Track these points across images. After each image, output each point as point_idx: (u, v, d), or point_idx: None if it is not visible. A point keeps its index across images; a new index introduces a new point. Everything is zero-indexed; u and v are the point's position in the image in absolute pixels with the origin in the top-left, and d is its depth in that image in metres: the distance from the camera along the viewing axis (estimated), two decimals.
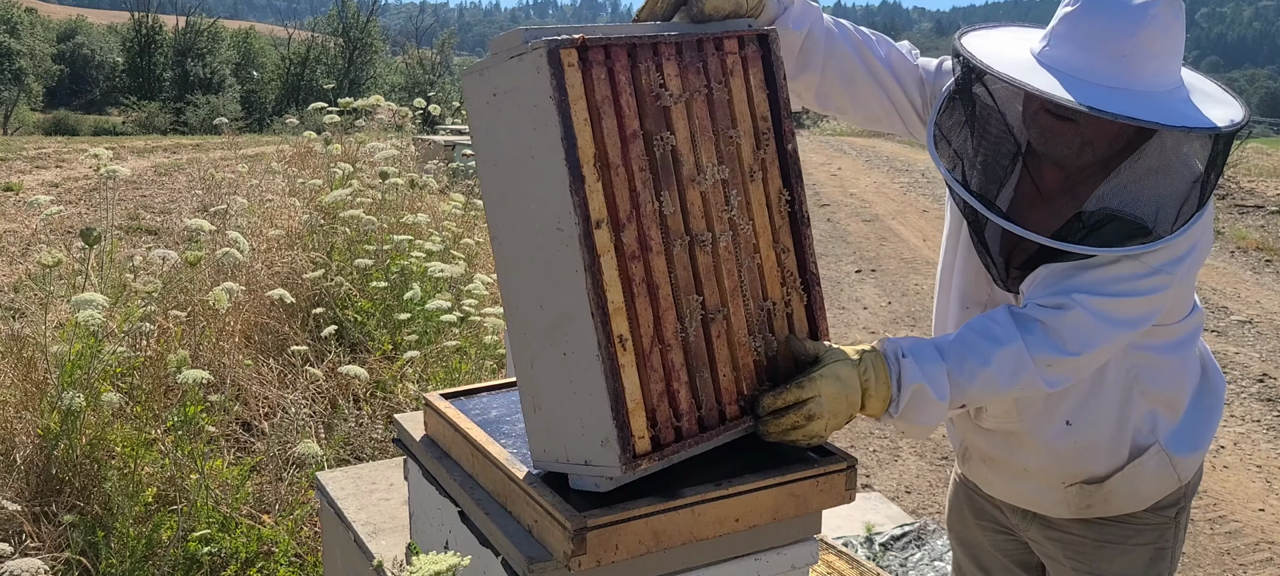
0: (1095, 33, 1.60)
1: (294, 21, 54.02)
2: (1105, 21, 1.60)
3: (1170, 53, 1.62)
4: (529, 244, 1.52)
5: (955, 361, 1.61)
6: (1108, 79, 1.58)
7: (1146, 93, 1.58)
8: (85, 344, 3.06)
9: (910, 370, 1.58)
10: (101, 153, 3.66)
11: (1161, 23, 1.58)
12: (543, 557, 1.50)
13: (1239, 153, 15.27)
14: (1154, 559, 1.90)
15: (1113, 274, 1.62)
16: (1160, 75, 1.60)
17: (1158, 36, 1.58)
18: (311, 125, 6.92)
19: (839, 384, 1.58)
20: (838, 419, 1.58)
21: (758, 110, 1.66)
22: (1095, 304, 1.61)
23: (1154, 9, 1.58)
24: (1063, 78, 1.60)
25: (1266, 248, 9.78)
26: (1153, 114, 1.54)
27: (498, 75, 1.50)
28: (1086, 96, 1.54)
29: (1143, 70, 1.58)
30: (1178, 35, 1.62)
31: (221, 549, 2.92)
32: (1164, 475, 1.84)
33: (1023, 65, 1.66)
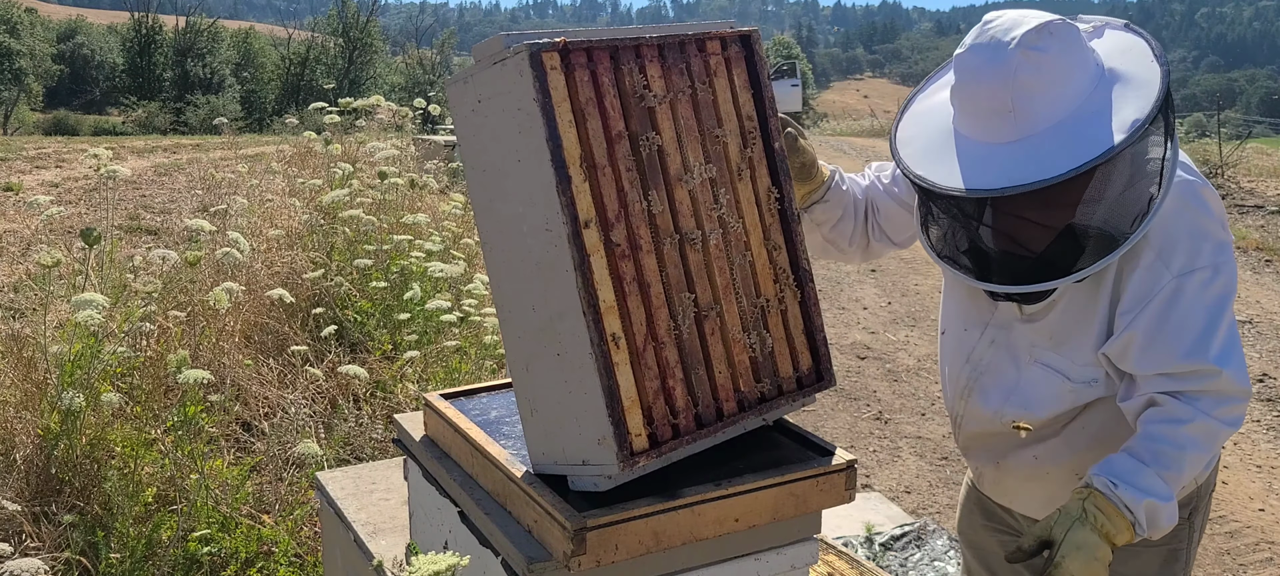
0: (976, 99, 1.63)
1: (294, 21, 54.04)
2: (978, 87, 1.62)
3: (1055, 76, 1.59)
4: (519, 247, 1.52)
5: (1156, 459, 1.62)
6: (1004, 132, 1.60)
7: (1044, 132, 1.57)
8: (85, 344, 3.06)
9: (1129, 494, 1.60)
10: (101, 153, 3.66)
11: (1031, 64, 1.57)
12: (542, 557, 1.50)
13: (1239, 153, 15.27)
14: (1168, 560, 1.89)
15: (1190, 304, 1.62)
16: (1057, 104, 1.58)
17: (1031, 77, 1.57)
18: (311, 125, 6.92)
19: (1083, 553, 1.58)
20: (1095, 567, 1.59)
21: (743, 110, 1.66)
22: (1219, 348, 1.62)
23: (1014, 58, 1.57)
24: (966, 155, 1.63)
25: (1266, 248, 9.77)
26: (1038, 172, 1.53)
27: (481, 82, 1.51)
28: (977, 179, 1.58)
29: (1034, 112, 1.58)
30: (1057, 57, 1.59)
31: (221, 549, 2.92)
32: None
33: (937, 146, 1.69)
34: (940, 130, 1.71)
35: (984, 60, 1.60)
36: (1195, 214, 1.64)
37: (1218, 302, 1.62)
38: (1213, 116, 20.57)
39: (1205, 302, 1.61)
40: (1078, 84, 1.60)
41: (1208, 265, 1.62)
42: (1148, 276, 1.63)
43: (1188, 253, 1.62)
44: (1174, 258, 1.62)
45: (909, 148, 1.73)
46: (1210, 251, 1.62)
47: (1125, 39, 1.71)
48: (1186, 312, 1.61)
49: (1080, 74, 1.61)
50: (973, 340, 1.90)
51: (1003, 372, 1.86)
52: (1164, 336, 1.63)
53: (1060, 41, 1.59)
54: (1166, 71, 1.61)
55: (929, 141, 1.71)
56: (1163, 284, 1.62)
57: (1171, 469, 1.62)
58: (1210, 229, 1.64)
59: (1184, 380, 1.63)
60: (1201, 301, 1.61)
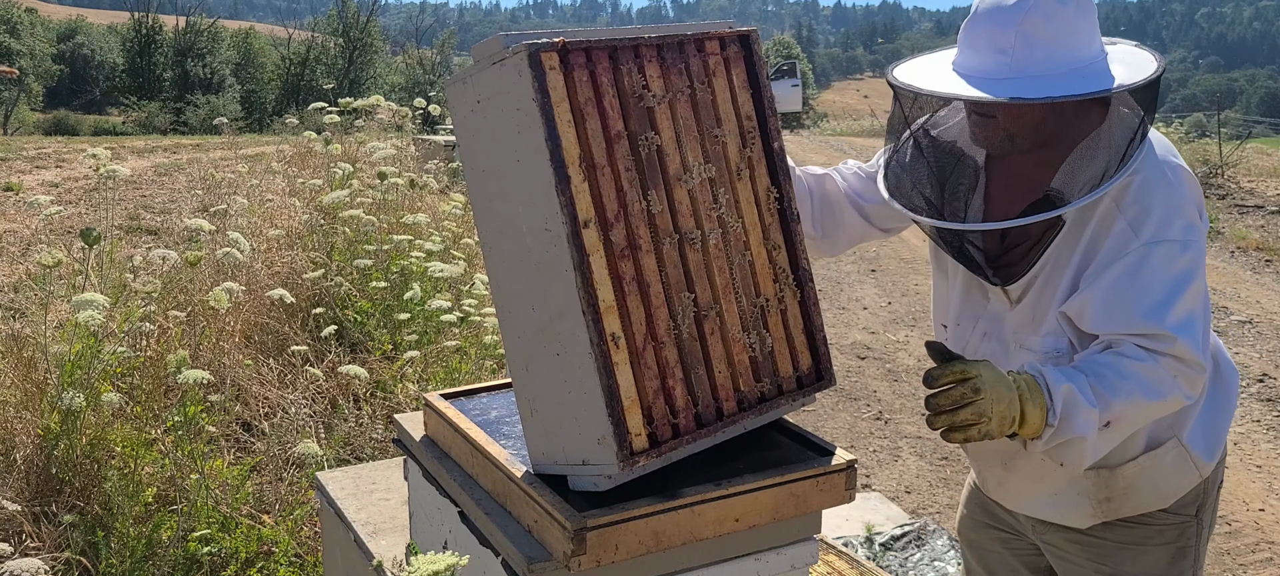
0: (982, 35, 1.71)
1: (294, 21, 54.03)
2: (988, 24, 1.70)
3: (1061, 35, 1.66)
4: (518, 247, 1.52)
5: (1093, 376, 1.61)
6: (999, 71, 1.67)
7: (1037, 77, 1.64)
8: (85, 344, 3.06)
9: (1054, 376, 1.59)
10: (101, 153, 3.66)
11: (1041, 11, 1.64)
12: (542, 557, 1.50)
13: (1239, 152, 15.27)
14: (1176, 558, 1.89)
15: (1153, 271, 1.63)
16: (1054, 58, 1.66)
17: (1039, 24, 1.64)
18: (311, 125, 6.92)
19: (996, 372, 1.58)
20: (1001, 405, 1.56)
21: (742, 109, 1.66)
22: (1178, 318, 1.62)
23: (1029, 3, 1.65)
24: (963, 79, 1.71)
25: (1266, 248, 9.77)
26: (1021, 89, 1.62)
27: (480, 82, 1.51)
28: (960, 88, 1.68)
29: (1031, 57, 1.65)
30: (1068, 19, 1.66)
31: (221, 549, 2.92)
32: (1183, 469, 1.83)
33: (935, 77, 1.77)
34: (937, 70, 1.80)
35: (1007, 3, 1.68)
36: (1171, 190, 1.68)
37: (1182, 276, 1.64)
38: (1213, 116, 20.57)
39: (1170, 272, 1.63)
40: (1077, 50, 1.68)
41: (1177, 239, 1.65)
42: (1116, 242, 1.66)
43: (1158, 223, 1.65)
44: (1144, 226, 1.65)
45: (905, 74, 1.82)
46: (1181, 227, 1.65)
47: (1131, 50, 1.80)
48: (1149, 278, 1.63)
49: (1084, 42, 1.68)
50: (966, 334, 1.92)
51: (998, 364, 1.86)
52: (1123, 297, 1.64)
53: (1079, 8, 1.67)
54: (1162, 63, 1.69)
55: (924, 75, 1.80)
56: (1130, 248, 1.65)
57: (1105, 387, 1.60)
58: (1184, 208, 1.68)
59: (1139, 342, 1.64)
60: (1166, 271, 1.63)
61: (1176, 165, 1.72)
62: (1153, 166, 1.68)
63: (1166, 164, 1.71)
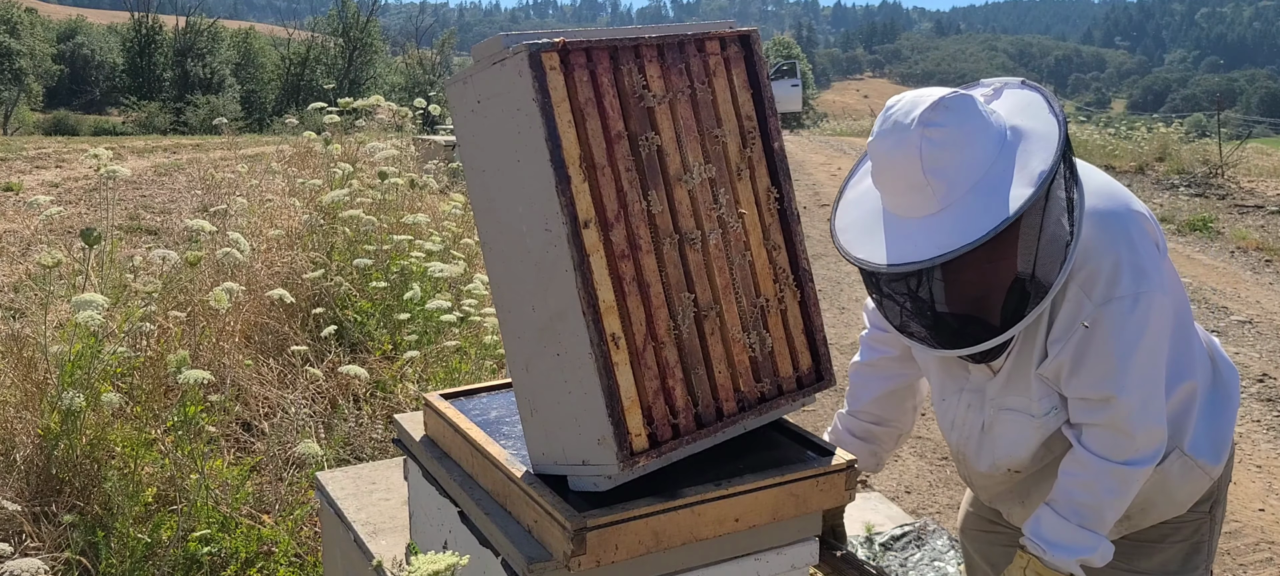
0: (893, 181, 1.68)
1: (294, 21, 53.99)
2: (892, 169, 1.67)
3: (960, 145, 1.63)
4: (519, 247, 1.52)
5: (1076, 514, 1.74)
6: (930, 206, 1.64)
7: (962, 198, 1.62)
8: (85, 344, 3.06)
9: (1060, 558, 1.73)
10: (101, 153, 3.66)
11: (931, 139, 1.62)
12: (542, 557, 1.50)
13: (1239, 152, 15.26)
14: (1191, 554, 1.92)
15: (1104, 335, 1.67)
16: (968, 168, 1.63)
17: (934, 151, 1.62)
18: (311, 125, 6.92)
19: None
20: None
21: (742, 110, 1.66)
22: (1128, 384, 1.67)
23: (915, 136, 1.62)
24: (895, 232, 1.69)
25: (1266, 248, 9.77)
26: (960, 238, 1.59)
27: (481, 82, 1.51)
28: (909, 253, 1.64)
29: (948, 179, 1.63)
30: (955, 128, 1.63)
31: (221, 549, 2.92)
32: (1192, 476, 1.85)
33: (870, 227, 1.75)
34: (871, 213, 1.77)
35: (891, 144, 1.66)
36: (1114, 244, 1.69)
37: (1136, 331, 1.67)
38: (1213, 116, 20.57)
39: (1123, 333, 1.67)
40: (982, 147, 1.65)
41: (1127, 294, 1.66)
42: (1071, 307, 1.70)
43: (1107, 282, 1.67)
44: (1094, 288, 1.68)
45: (847, 233, 1.79)
46: (1129, 281, 1.67)
47: (1023, 96, 1.77)
48: (1103, 342, 1.68)
49: (982, 137, 1.66)
50: (953, 408, 1.96)
51: (981, 430, 1.92)
52: (1083, 364, 1.70)
53: (955, 113, 1.65)
54: (1062, 120, 1.68)
55: (863, 225, 1.77)
56: (1085, 313, 1.68)
57: (1093, 520, 1.73)
58: (1128, 258, 1.68)
59: (1093, 409, 1.72)
60: (1119, 331, 1.67)
61: (1117, 212, 1.73)
62: (1093, 223, 1.69)
63: (1107, 215, 1.71)
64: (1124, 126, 21.31)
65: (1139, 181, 14.24)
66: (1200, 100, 71.21)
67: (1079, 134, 19.24)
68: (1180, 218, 11.16)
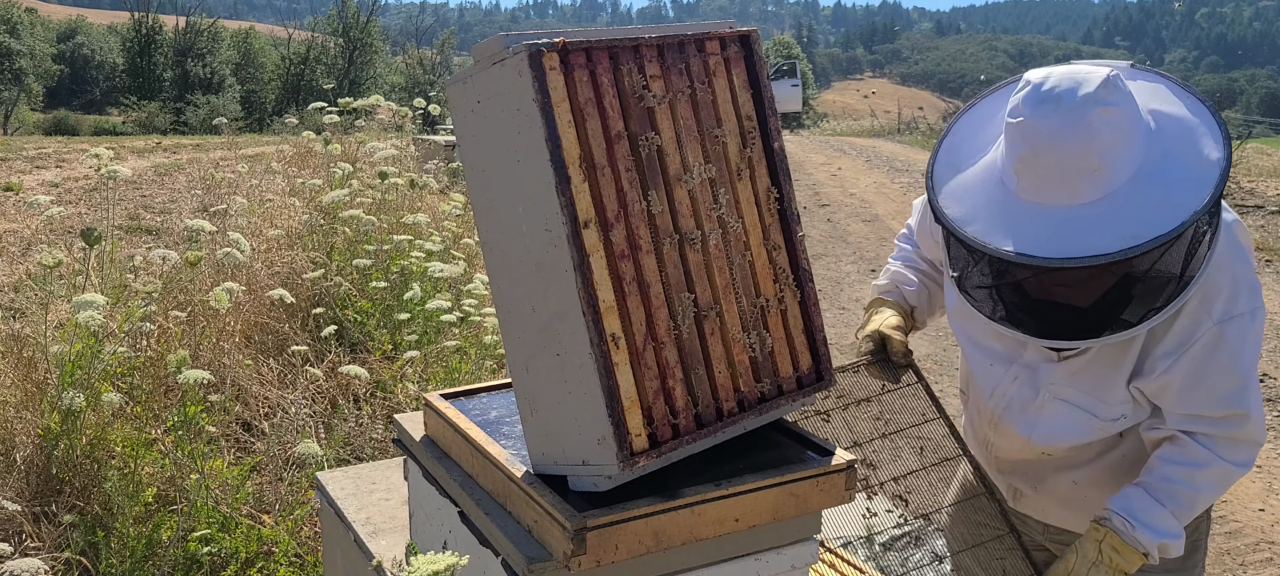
0: (1058, 164, 1.56)
1: (294, 21, 53.99)
2: (1061, 151, 1.55)
3: (1130, 129, 1.56)
4: (518, 247, 1.52)
5: (1171, 498, 1.68)
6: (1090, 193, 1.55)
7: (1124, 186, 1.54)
8: (85, 344, 3.06)
9: (1145, 535, 1.67)
10: (102, 153, 3.66)
11: (1110, 121, 1.54)
12: (542, 557, 1.50)
13: (1239, 152, 15.28)
14: (1190, 551, 1.92)
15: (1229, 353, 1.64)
16: (1133, 155, 1.56)
17: (1113, 134, 1.54)
18: (311, 125, 6.92)
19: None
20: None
21: (742, 110, 1.66)
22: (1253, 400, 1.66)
23: (1095, 117, 1.53)
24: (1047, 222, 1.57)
25: (1266, 248, 9.77)
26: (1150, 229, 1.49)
27: (481, 82, 1.51)
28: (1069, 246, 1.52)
29: (1118, 166, 1.55)
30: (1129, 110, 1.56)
31: (221, 549, 2.92)
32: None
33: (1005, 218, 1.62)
34: (995, 202, 1.65)
35: (1060, 124, 1.54)
36: (1235, 258, 1.66)
37: (1255, 348, 1.66)
38: None
39: (1244, 349, 1.65)
40: (1143, 133, 1.58)
41: (1245, 310, 1.64)
42: (1189, 322, 1.65)
43: (1228, 299, 1.64)
44: (1215, 304, 1.64)
45: (975, 225, 1.66)
46: (1247, 296, 1.65)
47: (1147, 85, 1.69)
48: (1228, 360, 1.65)
49: (1141, 122, 1.59)
50: (998, 376, 1.91)
51: (1027, 406, 1.87)
52: (1203, 382, 1.66)
53: (1125, 94, 1.57)
54: (1213, 109, 1.60)
55: (992, 216, 1.64)
56: (1203, 330, 1.64)
57: (1185, 508, 1.69)
58: (1246, 274, 1.66)
59: (1215, 424, 1.67)
60: (1241, 348, 1.65)
61: (1231, 224, 1.68)
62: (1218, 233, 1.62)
63: (1227, 226, 1.66)
64: None
65: None
66: None
67: None
68: None
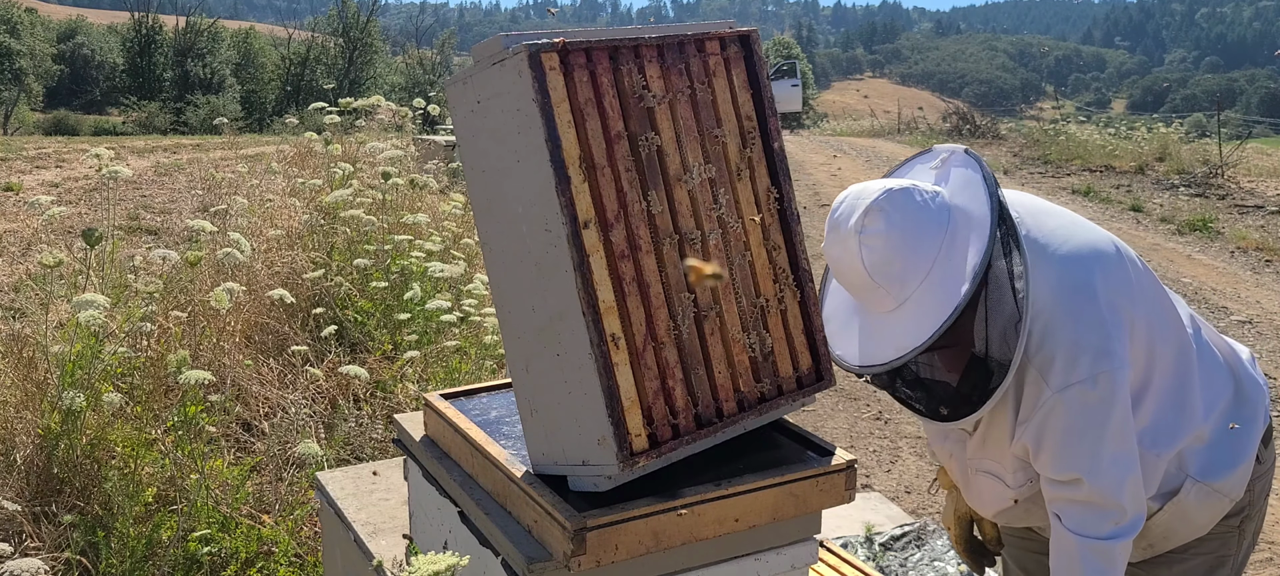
0: (849, 285, 1.72)
1: (294, 21, 54.01)
2: (844, 275, 1.71)
3: (902, 245, 1.64)
4: (518, 247, 1.52)
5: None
6: (888, 303, 1.67)
7: (916, 293, 1.64)
8: (86, 344, 3.06)
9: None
10: (103, 153, 3.66)
11: (870, 246, 1.64)
12: (542, 557, 1.50)
13: (1239, 152, 15.25)
14: (1214, 567, 1.89)
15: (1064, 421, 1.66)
16: (915, 264, 1.64)
17: (875, 256, 1.64)
18: (311, 125, 6.92)
19: None
20: None
21: (742, 110, 1.66)
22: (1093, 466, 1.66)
23: (854, 244, 1.65)
24: (864, 329, 1.74)
25: (1266, 248, 9.77)
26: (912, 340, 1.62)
27: (481, 82, 1.51)
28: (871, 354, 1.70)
29: (898, 277, 1.65)
30: (891, 230, 1.64)
31: (221, 549, 2.92)
32: (1210, 501, 1.81)
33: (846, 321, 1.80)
34: (847, 305, 1.82)
35: (838, 252, 1.69)
36: (1072, 320, 1.67)
37: (1096, 411, 1.66)
38: (1213, 116, 20.58)
39: (1082, 416, 1.66)
40: (924, 241, 1.65)
41: (1084, 377, 1.65)
42: (1032, 391, 1.70)
43: (1063, 367, 1.66)
44: (1050, 373, 1.67)
45: (830, 325, 1.83)
46: (1087, 363, 1.65)
47: (964, 174, 1.75)
48: (1064, 426, 1.67)
49: (922, 232, 1.66)
50: (946, 447, 1.98)
51: (960, 479, 1.96)
52: (1043, 447, 1.70)
53: (888, 215, 1.65)
54: (993, 199, 1.66)
55: (842, 319, 1.82)
56: (1043, 399, 1.68)
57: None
58: (1085, 339, 1.66)
59: (1060, 487, 1.70)
60: (1078, 415, 1.66)
61: (1071, 285, 1.70)
62: (1051, 299, 1.67)
63: (1062, 288, 1.69)
64: (1124, 126, 21.33)
65: (1139, 181, 14.25)
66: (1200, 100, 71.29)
67: (1079, 134, 19.25)
68: (1180, 217, 11.16)
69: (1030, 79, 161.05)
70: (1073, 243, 1.74)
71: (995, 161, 17.33)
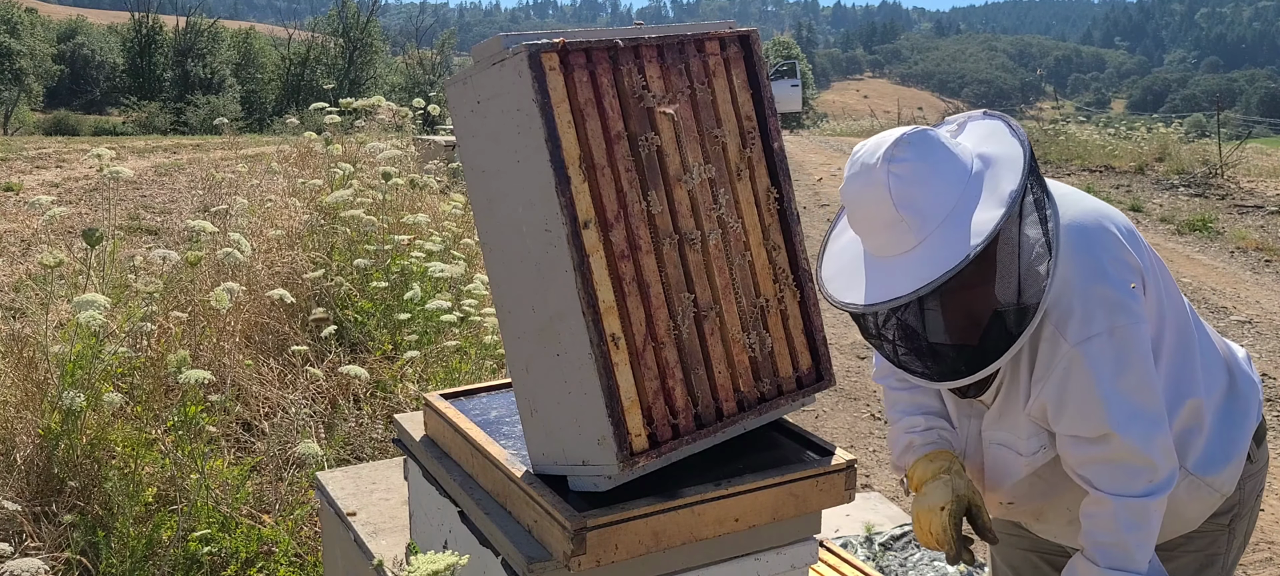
0: (868, 221, 1.67)
1: (294, 21, 53.98)
2: (865, 209, 1.66)
3: (926, 177, 1.62)
4: (518, 248, 1.53)
5: (1106, 557, 1.69)
6: (907, 242, 1.63)
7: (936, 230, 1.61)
8: (86, 344, 3.06)
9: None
10: (103, 153, 3.66)
11: (898, 174, 1.61)
12: (542, 557, 1.50)
13: (1239, 152, 15.26)
14: (1203, 566, 1.89)
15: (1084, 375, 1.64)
16: (938, 199, 1.61)
17: (902, 187, 1.61)
18: (312, 125, 6.93)
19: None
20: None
21: (742, 110, 1.66)
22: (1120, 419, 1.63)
23: (881, 173, 1.61)
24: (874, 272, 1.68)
25: (1266, 248, 9.77)
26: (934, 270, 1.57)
27: (481, 82, 1.51)
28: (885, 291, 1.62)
29: (921, 212, 1.61)
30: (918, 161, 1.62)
31: (221, 549, 2.92)
32: (1200, 495, 1.82)
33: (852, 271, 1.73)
34: (854, 259, 1.76)
35: (861, 185, 1.65)
36: (1086, 275, 1.66)
37: (1118, 364, 1.64)
38: (1212, 116, 20.59)
39: (1103, 368, 1.64)
40: (950, 177, 1.63)
41: (1102, 330, 1.64)
42: (1048, 347, 1.68)
43: (1081, 320, 1.64)
44: (1068, 327, 1.65)
45: (833, 282, 1.78)
46: (1103, 315, 1.64)
47: (986, 125, 1.75)
48: (1086, 381, 1.65)
49: (948, 168, 1.64)
50: (964, 432, 1.94)
51: (975, 456, 1.92)
52: (1066, 405, 1.68)
53: (917, 147, 1.63)
54: (1025, 142, 1.65)
55: (847, 272, 1.76)
56: (1061, 353, 1.66)
57: (1121, 559, 1.69)
58: (1100, 293, 1.65)
59: (1092, 445, 1.68)
60: (1100, 368, 1.64)
61: (1084, 244, 1.69)
62: (1066, 256, 1.66)
63: (1077, 237, 1.68)
64: (1124, 126, 21.34)
65: (1139, 182, 14.25)
66: (1200, 100, 71.33)
67: (1079, 134, 19.25)
68: (1180, 218, 11.16)
69: (1029, 79, 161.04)
70: (1083, 204, 1.75)
71: None
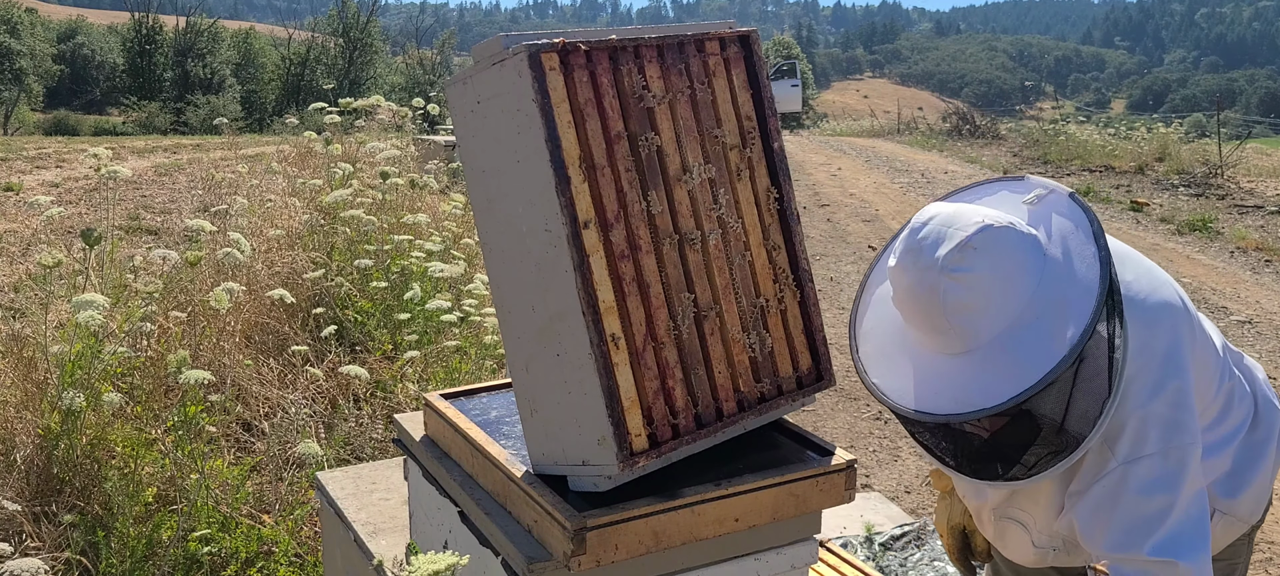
0: (913, 317, 1.54)
1: (294, 21, 53.95)
2: (913, 306, 1.53)
3: (990, 292, 1.48)
4: (518, 248, 1.53)
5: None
6: (954, 346, 1.50)
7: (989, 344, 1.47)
8: (86, 344, 3.06)
9: None
10: (102, 153, 3.66)
11: (959, 286, 1.47)
12: (542, 557, 1.50)
13: (1239, 152, 15.26)
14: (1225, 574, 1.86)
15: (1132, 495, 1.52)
16: (997, 316, 1.47)
17: (960, 299, 1.47)
18: (311, 125, 6.92)
19: None
20: None
21: (742, 110, 1.66)
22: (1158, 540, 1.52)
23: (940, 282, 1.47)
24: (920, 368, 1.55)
25: (1266, 248, 9.77)
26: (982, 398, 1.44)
27: (480, 82, 1.51)
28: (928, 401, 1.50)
29: (974, 326, 1.48)
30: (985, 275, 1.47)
31: (221, 549, 2.92)
32: (1232, 530, 1.79)
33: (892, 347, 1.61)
34: (894, 332, 1.63)
35: (913, 281, 1.51)
36: (1144, 398, 1.54)
37: (1164, 490, 1.52)
38: (1212, 116, 20.59)
39: (1149, 492, 1.53)
40: (1015, 291, 1.49)
41: (1155, 451, 1.53)
42: (1095, 460, 1.57)
43: (1133, 439, 1.53)
44: (1119, 444, 1.54)
45: (867, 344, 1.66)
46: (1157, 437, 1.52)
47: (1066, 224, 1.57)
48: (1129, 504, 1.53)
49: (1017, 281, 1.49)
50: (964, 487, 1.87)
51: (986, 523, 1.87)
52: (1104, 522, 1.56)
53: (987, 256, 1.47)
54: (1104, 265, 1.48)
55: (886, 349, 1.63)
56: (1108, 469, 1.55)
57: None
58: (1157, 412, 1.53)
59: (1127, 568, 1.56)
60: (1146, 491, 1.53)
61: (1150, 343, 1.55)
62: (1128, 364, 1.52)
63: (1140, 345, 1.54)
64: (1124, 126, 21.36)
65: (1139, 181, 14.25)
66: (1200, 100, 71.31)
67: (1079, 134, 19.27)
68: (1180, 218, 11.17)
69: (1029, 80, 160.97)
70: (1152, 299, 1.59)
71: (995, 161, 17.33)
